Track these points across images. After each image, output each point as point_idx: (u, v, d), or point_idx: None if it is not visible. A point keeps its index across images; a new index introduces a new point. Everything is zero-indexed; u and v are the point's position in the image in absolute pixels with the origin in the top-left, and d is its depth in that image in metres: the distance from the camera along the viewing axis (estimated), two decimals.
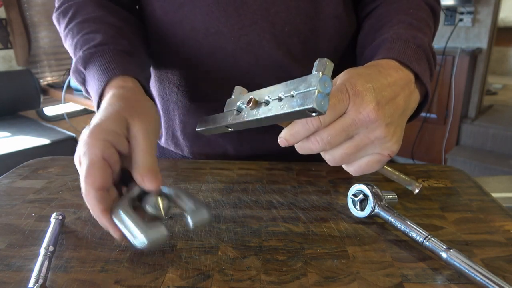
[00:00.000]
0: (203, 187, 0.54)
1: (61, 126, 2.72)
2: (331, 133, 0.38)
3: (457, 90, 2.89)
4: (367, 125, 0.38)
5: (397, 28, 0.51)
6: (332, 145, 0.39)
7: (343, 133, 0.38)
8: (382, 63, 0.44)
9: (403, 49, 0.46)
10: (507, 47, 4.75)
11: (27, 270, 0.37)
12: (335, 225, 0.45)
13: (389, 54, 0.46)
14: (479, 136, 3.00)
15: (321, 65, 0.34)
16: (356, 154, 0.40)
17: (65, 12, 0.59)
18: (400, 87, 0.42)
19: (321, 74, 0.34)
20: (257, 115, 0.38)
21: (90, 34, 0.54)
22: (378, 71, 0.42)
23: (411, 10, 0.55)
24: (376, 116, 0.38)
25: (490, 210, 0.49)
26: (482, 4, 2.84)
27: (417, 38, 0.49)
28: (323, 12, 0.58)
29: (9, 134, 2.46)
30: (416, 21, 0.53)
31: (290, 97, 0.35)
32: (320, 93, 0.33)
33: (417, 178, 0.57)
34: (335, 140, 0.39)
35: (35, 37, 2.91)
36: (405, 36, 0.49)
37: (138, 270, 0.37)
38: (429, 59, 0.50)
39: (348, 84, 0.39)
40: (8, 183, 0.56)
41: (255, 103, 0.39)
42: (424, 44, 0.49)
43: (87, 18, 0.56)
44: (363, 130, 0.39)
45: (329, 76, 0.34)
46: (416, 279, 0.36)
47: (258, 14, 0.56)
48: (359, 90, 0.38)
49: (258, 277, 0.36)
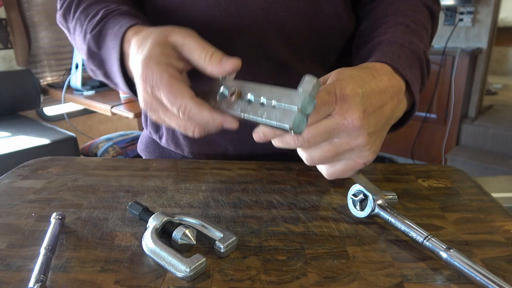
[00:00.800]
0: (203, 187, 0.54)
1: (61, 126, 2.72)
2: (313, 132, 0.38)
3: (457, 90, 2.89)
4: (349, 131, 0.38)
5: (394, 31, 0.51)
6: (311, 144, 0.39)
7: (324, 134, 0.38)
8: (377, 67, 0.43)
9: (397, 54, 0.46)
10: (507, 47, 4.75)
11: (27, 270, 0.37)
12: (335, 225, 0.45)
13: (384, 58, 0.45)
14: (479, 136, 3.00)
15: (308, 83, 0.33)
16: (334, 157, 0.40)
17: (69, 5, 0.59)
18: (389, 96, 0.41)
19: (306, 95, 0.33)
20: (237, 110, 0.38)
21: (95, 16, 0.54)
22: (372, 75, 0.41)
23: (409, 12, 0.55)
24: (360, 124, 0.37)
25: (490, 210, 0.48)
26: (482, 4, 2.84)
27: (413, 44, 0.48)
28: (323, 12, 0.58)
29: (9, 134, 2.46)
30: (414, 23, 0.53)
31: (271, 107, 0.35)
32: (300, 114, 0.33)
33: (417, 178, 0.57)
34: (315, 139, 0.38)
35: (35, 37, 2.91)
36: (401, 41, 0.48)
37: (138, 270, 0.37)
38: (422, 67, 0.49)
39: (338, 86, 0.38)
40: (8, 183, 0.56)
41: (238, 96, 0.39)
42: (419, 51, 0.48)
43: (91, 2, 0.56)
44: (345, 135, 0.38)
45: (313, 97, 0.33)
46: (416, 279, 0.36)
47: (258, 13, 0.56)
48: (347, 94, 0.37)
49: (258, 277, 0.36)
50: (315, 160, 0.40)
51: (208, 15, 0.57)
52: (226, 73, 0.40)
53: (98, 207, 0.49)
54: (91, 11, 0.55)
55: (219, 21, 0.57)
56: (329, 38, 0.61)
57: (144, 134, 0.79)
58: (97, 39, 0.52)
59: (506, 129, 2.88)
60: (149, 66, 0.40)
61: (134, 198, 0.51)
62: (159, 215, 0.42)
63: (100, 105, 2.34)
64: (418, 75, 0.48)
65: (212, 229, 0.42)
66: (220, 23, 0.57)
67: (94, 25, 0.52)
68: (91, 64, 0.54)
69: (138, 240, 0.42)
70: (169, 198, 0.51)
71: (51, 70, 3.07)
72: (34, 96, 2.87)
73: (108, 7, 0.54)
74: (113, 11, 0.53)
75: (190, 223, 0.43)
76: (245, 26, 0.56)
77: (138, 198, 0.52)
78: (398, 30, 0.51)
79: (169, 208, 0.49)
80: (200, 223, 0.43)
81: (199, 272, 0.36)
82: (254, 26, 0.56)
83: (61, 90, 2.67)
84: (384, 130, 0.42)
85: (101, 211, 0.48)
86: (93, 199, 0.51)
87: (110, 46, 0.49)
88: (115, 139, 2.32)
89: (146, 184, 0.55)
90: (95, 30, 0.52)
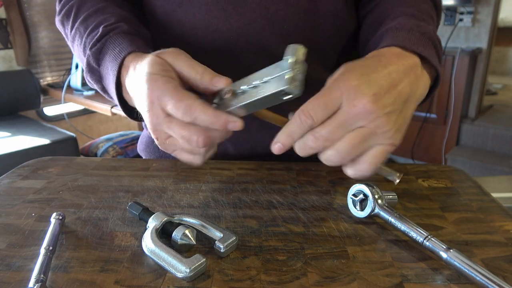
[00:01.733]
0: (203, 187, 0.54)
1: (61, 126, 2.72)
2: (329, 129, 0.38)
3: (457, 90, 2.89)
4: (365, 116, 0.38)
5: (400, 19, 0.51)
6: (332, 140, 0.39)
7: (340, 127, 0.38)
8: (384, 52, 0.43)
9: (407, 37, 0.46)
10: (507, 47, 4.75)
11: (27, 270, 0.37)
12: (335, 225, 0.45)
13: (393, 42, 0.45)
14: (479, 136, 2.99)
15: (293, 49, 0.36)
16: (361, 144, 0.40)
17: (68, 13, 0.59)
18: (403, 73, 0.41)
19: (292, 58, 0.35)
20: (236, 105, 0.39)
21: (95, 29, 0.54)
22: (378, 60, 0.41)
23: (413, 3, 0.55)
24: (372, 107, 0.37)
25: (490, 210, 0.48)
26: (482, 4, 2.84)
27: (421, 26, 0.48)
28: (322, 10, 0.58)
29: (9, 134, 2.46)
30: (419, 12, 0.53)
31: (264, 84, 0.37)
32: (291, 76, 0.35)
33: (417, 178, 0.57)
34: (333, 135, 0.38)
35: (35, 37, 2.91)
36: (408, 25, 0.48)
37: (138, 270, 0.37)
38: (435, 45, 0.49)
39: (342, 79, 0.39)
40: (8, 183, 0.56)
41: (233, 93, 0.40)
42: (429, 31, 0.48)
43: (89, 14, 0.56)
44: (363, 121, 0.38)
45: (300, 60, 0.35)
46: (416, 279, 0.36)
47: (257, 12, 0.56)
48: (352, 84, 0.38)
49: (258, 277, 0.36)
50: (344, 153, 0.40)
51: (207, 14, 0.57)
52: (218, 89, 0.42)
53: (98, 207, 0.49)
54: (90, 23, 0.55)
55: (218, 20, 0.57)
56: (328, 37, 0.60)
57: (144, 134, 0.79)
58: (97, 56, 0.53)
59: (506, 129, 2.88)
60: (154, 80, 0.41)
61: (134, 198, 0.51)
62: (159, 215, 0.42)
63: (100, 105, 2.34)
64: (433, 52, 0.47)
65: (212, 229, 0.42)
66: (218, 21, 0.57)
67: (94, 42, 0.53)
68: (89, 77, 0.55)
69: (138, 240, 0.42)
70: (169, 198, 0.51)
71: (51, 70, 3.07)
72: (34, 96, 2.87)
73: (108, 21, 0.54)
74: (113, 28, 0.53)
75: (190, 223, 0.43)
76: (244, 25, 0.56)
77: (138, 198, 0.52)
78: (404, 18, 0.51)
79: (169, 208, 0.49)
80: (200, 223, 0.43)
81: (199, 273, 0.36)
82: (253, 25, 0.56)
83: (61, 90, 2.67)
84: (408, 107, 0.42)
85: (101, 211, 0.48)
86: (93, 199, 0.51)
87: (109, 68, 0.50)
88: (115, 139, 2.32)
89: (146, 184, 0.55)
90: (95, 47, 0.52)
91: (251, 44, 0.57)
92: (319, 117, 0.38)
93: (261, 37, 0.57)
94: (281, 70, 0.36)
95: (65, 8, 0.60)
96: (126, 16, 0.57)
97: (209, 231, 0.42)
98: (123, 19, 0.55)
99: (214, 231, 0.41)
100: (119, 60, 0.49)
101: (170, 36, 0.61)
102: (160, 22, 0.61)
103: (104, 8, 0.57)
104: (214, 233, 0.41)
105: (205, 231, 0.42)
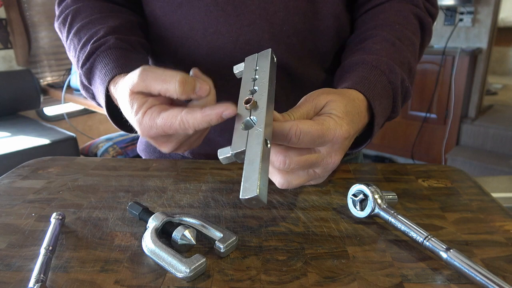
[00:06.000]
0: (203, 187, 0.54)
1: (61, 126, 2.72)
2: (299, 164, 0.40)
3: (457, 90, 2.89)
4: (329, 169, 0.42)
5: (379, 49, 0.52)
6: (291, 171, 0.41)
7: (307, 166, 0.41)
8: (360, 105, 0.45)
9: (374, 83, 0.48)
10: (507, 47, 4.76)
11: (27, 270, 0.37)
12: (335, 225, 0.45)
13: (362, 87, 0.47)
14: (479, 136, 3.00)
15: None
16: (306, 181, 0.43)
17: (64, 21, 0.60)
18: (357, 133, 0.45)
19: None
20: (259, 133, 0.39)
21: (86, 45, 0.54)
22: (358, 114, 0.44)
23: (397, 26, 0.56)
24: (338, 162, 0.42)
25: (490, 210, 0.48)
26: (482, 4, 2.84)
27: (393, 72, 0.50)
28: (321, 12, 0.58)
29: (9, 134, 2.46)
30: (399, 41, 0.54)
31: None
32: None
33: (417, 178, 0.57)
34: (297, 169, 0.40)
35: (35, 37, 2.91)
36: (383, 67, 0.50)
37: (138, 270, 0.37)
38: (395, 97, 0.51)
39: (337, 123, 0.40)
40: (8, 183, 0.56)
41: (254, 104, 0.39)
42: (396, 81, 0.50)
43: (82, 25, 0.57)
44: (321, 170, 0.42)
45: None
46: (416, 279, 0.36)
47: (256, 13, 0.56)
48: (342, 136, 0.40)
49: (258, 277, 0.36)
50: (291, 187, 0.43)
51: (206, 15, 0.57)
52: (202, 98, 0.41)
53: (98, 207, 0.49)
54: (83, 35, 0.56)
55: (217, 21, 0.57)
56: (328, 39, 0.61)
57: None
58: (88, 76, 0.53)
59: (506, 129, 2.88)
60: (138, 121, 0.41)
61: (134, 198, 0.51)
62: (159, 215, 0.42)
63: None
64: (388, 106, 0.51)
65: (212, 229, 0.42)
66: (218, 23, 0.57)
67: (83, 61, 0.53)
68: (84, 93, 0.57)
69: (138, 240, 0.42)
70: (169, 198, 0.51)
71: (51, 70, 3.07)
72: (34, 96, 2.87)
73: (97, 34, 0.54)
74: (101, 45, 0.53)
75: (190, 223, 0.43)
76: (243, 26, 0.56)
77: (138, 198, 0.52)
78: (383, 49, 0.53)
79: (169, 208, 0.49)
80: (200, 223, 0.43)
81: (199, 273, 0.36)
82: (252, 26, 0.56)
83: (61, 90, 2.67)
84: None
85: (101, 211, 0.48)
86: (93, 199, 0.51)
87: (99, 90, 0.51)
88: (115, 139, 2.32)
89: (146, 184, 0.55)
90: (85, 67, 0.53)
91: (250, 45, 0.57)
92: (305, 144, 0.39)
93: (260, 39, 0.57)
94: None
95: (62, 15, 0.60)
96: (116, 26, 0.56)
97: (209, 231, 0.42)
98: (112, 32, 0.54)
99: (214, 231, 0.41)
100: (105, 84, 0.49)
101: (168, 38, 0.61)
102: (160, 23, 0.61)
103: (96, 20, 0.57)
104: (214, 233, 0.41)
105: (205, 231, 0.42)
